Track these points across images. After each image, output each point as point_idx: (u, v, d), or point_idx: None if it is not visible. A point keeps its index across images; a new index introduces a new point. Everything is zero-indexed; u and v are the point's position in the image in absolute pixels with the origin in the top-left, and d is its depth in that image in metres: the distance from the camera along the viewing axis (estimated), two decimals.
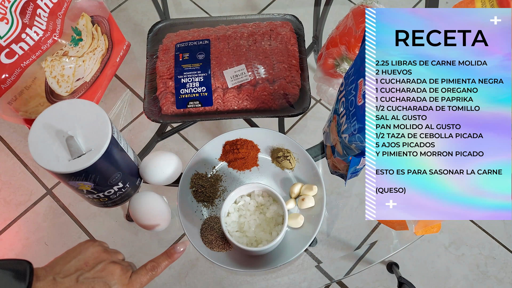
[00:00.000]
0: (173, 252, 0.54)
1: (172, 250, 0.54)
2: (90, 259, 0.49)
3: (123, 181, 0.61)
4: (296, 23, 0.85)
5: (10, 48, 0.61)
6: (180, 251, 0.55)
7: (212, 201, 0.68)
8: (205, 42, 0.79)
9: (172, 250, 0.54)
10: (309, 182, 0.68)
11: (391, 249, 0.73)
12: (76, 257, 0.49)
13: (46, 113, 0.56)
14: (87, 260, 0.48)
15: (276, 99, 0.75)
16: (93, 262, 0.49)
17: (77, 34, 0.71)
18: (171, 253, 0.54)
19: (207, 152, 0.71)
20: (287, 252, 0.64)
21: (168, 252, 0.54)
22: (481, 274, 1.14)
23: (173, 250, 0.54)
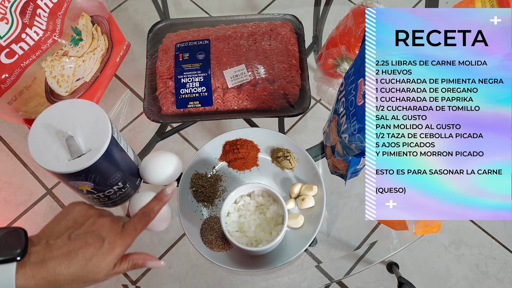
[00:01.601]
0: (162, 196, 0.53)
1: (161, 194, 0.53)
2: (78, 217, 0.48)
3: (123, 181, 0.61)
4: (296, 23, 0.85)
5: (10, 48, 0.61)
6: (169, 193, 0.54)
7: (212, 201, 0.68)
8: (205, 42, 0.79)
9: (161, 194, 0.53)
10: (309, 182, 0.68)
11: (391, 249, 0.73)
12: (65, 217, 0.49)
13: (46, 113, 0.56)
14: (75, 219, 0.48)
15: (276, 99, 0.75)
16: (82, 219, 0.48)
17: (77, 34, 0.71)
18: (161, 197, 0.53)
19: (207, 152, 0.71)
20: (287, 252, 0.64)
21: (158, 196, 0.53)
22: (481, 274, 1.14)
23: (163, 194, 0.53)
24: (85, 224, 0.48)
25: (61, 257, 0.44)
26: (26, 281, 0.42)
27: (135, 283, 1.01)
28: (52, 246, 0.45)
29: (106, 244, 0.46)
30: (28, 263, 0.43)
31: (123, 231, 0.49)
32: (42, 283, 0.43)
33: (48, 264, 0.44)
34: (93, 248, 0.46)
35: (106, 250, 0.46)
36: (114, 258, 0.47)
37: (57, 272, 0.44)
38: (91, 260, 0.45)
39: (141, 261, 0.52)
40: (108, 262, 0.46)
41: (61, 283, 0.44)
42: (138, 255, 0.52)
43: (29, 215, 1.14)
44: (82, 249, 0.45)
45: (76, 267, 0.44)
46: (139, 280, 1.01)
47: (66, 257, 0.44)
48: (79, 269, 0.45)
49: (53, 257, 0.44)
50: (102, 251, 0.46)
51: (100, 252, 0.46)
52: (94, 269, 0.46)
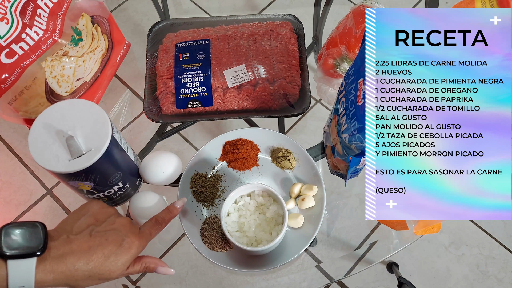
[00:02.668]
0: (172, 208, 0.57)
1: (171, 206, 0.57)
2: (99, 214, 0.49)
3: (123, 181, 0.61)
4: (296, 23, 0.85)
5: (10, 48, 0.61)
6: (178, 207, 0.57)
7: (212, 201, 0.68)
8: (205, 42, 0.79)
9: (171, 206, 0.57)
10: (309, 182, 0.68)
11: (391, 249, 0.73)
12: (85, 214, 0.49)
13: (46, 113, 0.56)
14: (96, 216, 0.49)
15: (276, 99, 0.75)
16: (102, 216, 0.49)
17: (77, 34, 0.71)
18: (171, 209, 0.57)
19: (207, 152, 0.71)
20: (287, 252, 0.64)
21: (169, 208, 0.57)
22: (481, 274, 1.14)
23: (173, 206, 0.57)
24: (106, 222, 0.49)
25: (81, 252, 0.44)
26: (45, 276, 0.43)
27: (135, 283, 1.01)
28: (72, 241, 0.45)
29: (125, 243, 0.47)
30: (48, 258, 0.43)
31: (141, 233, 0.51)
32: (60, 278, 0.43)
33: (68, 259, 0.44)
34: (113, 246, 0.46)
35: (125, 249, 0.47)
36: (130, 257, 0.48)
37: (76, 268, 0.44)
38: (109, 257, 0.46)
39: (153, 265, 0.53)
40: (124, 261, 0.47)
41: (78, 279, 0.45)
42: (151, 259, 0.53)
43: (29, 215, 1.14)
44: (101, 246, 0.46)
45: (94, 264, 0.45)
46: (139, 280, 1.01)
47: (85, 253, 0.45)
48: (97, 265, 0.45)
49: (73, 252, 0.44)
50: (121, 250, 0.47)
51: (118, 251, 0.47)
52: (111, 267, 0.46)
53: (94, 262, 0.45)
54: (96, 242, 0.46)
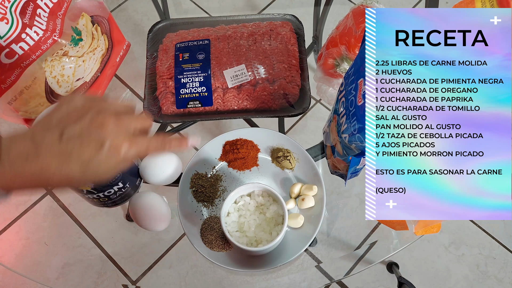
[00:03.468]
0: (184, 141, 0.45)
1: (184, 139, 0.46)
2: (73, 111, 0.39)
3: (123, 181, 0.61)
4: (296, 23, 0.85)
5: (10, 48, 0.61)
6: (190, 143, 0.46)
7: (212, 201, 0.68)
8: (205, 42, 0.79)
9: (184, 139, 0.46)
10: (309, 182, 0.68)
11: (391, 249, 0.73)
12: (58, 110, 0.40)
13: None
14: (69, 113, 0.39)
15: (276, 99, 0.75)
16: (76, 113, 0.39)
17: (77, 34, 0.71)
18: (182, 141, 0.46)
19: (207, 152, 0.71)
20: (287, 252, 0.64)
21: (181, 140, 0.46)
22: (481, 274, 1.14)
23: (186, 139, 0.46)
24: (81, 121, 0.39)
25: (51, 157, 0.37)
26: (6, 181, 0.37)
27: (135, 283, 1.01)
28: (38, 144, 0.37)
29: (106, 147, 0.38)
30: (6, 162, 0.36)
31: (134, 138, 0.41)
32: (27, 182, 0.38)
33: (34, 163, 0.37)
34: (90, 150, 0.38)
35: (106, 154, 0.39)
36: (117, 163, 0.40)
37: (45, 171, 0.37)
38: (89, 163, 0.38)
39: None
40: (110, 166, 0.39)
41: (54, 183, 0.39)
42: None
43: (29, 215, 1.14)
44: (75, 151, 0.38)
45: (69, 170, 0.38)
46: (139, 280, 1.01)
47: (56, 157, 0.37)
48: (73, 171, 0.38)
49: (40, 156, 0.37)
50: (101, 155, 0.38)
51: (98, 156, 0.38)
52: (93, 173, 0.39)
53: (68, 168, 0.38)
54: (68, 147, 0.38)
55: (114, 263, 1.06)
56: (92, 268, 1.09)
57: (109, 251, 1.07)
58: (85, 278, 1.09)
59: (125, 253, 1.07)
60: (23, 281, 1.12)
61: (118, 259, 1.06)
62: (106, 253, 1.06)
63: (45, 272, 1.09)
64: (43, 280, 1.06)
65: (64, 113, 0.40)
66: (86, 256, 1.09)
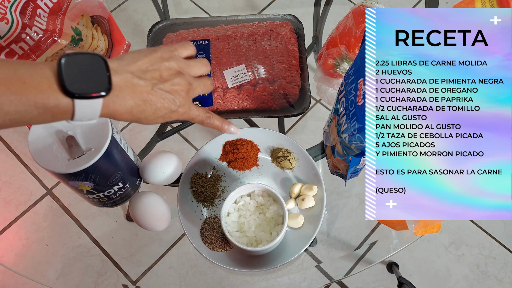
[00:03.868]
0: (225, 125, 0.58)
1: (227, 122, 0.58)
2: (165, 71, 0.50)
3: (123, 181, 0.61)
4: (296, 23, 0.85)
5: (10, 48, 0.61)
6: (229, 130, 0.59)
7: (212, 201, 0.68)
8: (205, 42, 0.79)
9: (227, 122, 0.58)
10: (309, 182, 0.68)
11: (391, 249, 0.73)
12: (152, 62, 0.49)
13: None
14: (162, 72, 0.49)
15: (276, 99, 0.75)
16: (167, 74, 0.50)
17: (77, 34, 0.71)
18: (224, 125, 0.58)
19: (207, 152, 0.71)
20: (287, 252, 0.64)
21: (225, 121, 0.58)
22: (481, 274, 1.14)
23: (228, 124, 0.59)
24: (169, 82, 0.49)
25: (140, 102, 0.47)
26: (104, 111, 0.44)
27: (135, 283, 1.01)
28: (135, 86, 0.46)
29: (173, 110, 0.50)
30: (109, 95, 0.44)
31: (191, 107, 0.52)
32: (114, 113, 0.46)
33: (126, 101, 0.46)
34: (164, 108, 0.49)
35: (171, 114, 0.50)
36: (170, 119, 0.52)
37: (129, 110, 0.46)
38: (155, 114, 0.49)
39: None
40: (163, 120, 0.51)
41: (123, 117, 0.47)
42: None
43: (29, 215, 1.14)
44: (156, 103, 0.48)
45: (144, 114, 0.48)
46: (139, 280, 1.01)
47: (144, 103, 0.47)
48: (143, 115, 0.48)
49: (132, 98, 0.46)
50: (168, 114, 0.50)
51: (165, 114, 0.50)
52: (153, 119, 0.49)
53: (143, 113, 0.48)
54: (154, 98, 0.48)
55: (114, 263, 1.06)
56: (92, 268, 1.09)
57: (109, 251, 1.07)
58: (85, 278, 1.09)
59: (125, 253, 1.07)
60: (23, 281, 1.12)
61: (118, 259, 1.06)
62: (106, 253, 1.06)
63: (45, 272, 1.10)
64: (43, 280, 1.06)
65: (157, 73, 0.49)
66: (86, 256, 1.09)
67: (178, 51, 0.53)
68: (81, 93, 0.41)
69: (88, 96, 0.42)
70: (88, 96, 0.42)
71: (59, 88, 0.41)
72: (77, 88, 0.41)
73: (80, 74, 0.42)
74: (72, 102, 0.41)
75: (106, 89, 0.43)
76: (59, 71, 0.41)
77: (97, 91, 0.42)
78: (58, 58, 0.42)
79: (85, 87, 0.42)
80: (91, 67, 0.43)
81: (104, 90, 0.43)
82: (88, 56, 0.43)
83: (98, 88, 0.43)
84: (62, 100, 0.41)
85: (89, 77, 0.42)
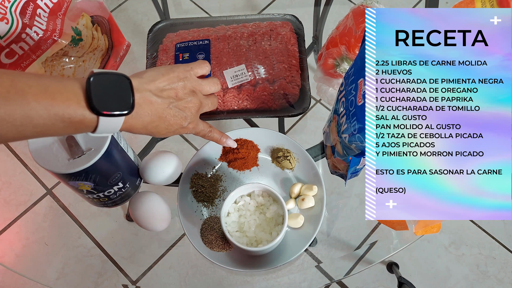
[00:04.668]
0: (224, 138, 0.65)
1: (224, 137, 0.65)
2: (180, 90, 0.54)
3: (123, 181, 0.61)
4: (296, 23, 0.85)
5: (10, 48, 0.61)
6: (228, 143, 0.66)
7: (212, 201, 0.68)
8: (205, 42, 0.79)
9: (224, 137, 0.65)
10: (309, 182, 0.68)
11: (391, 249, 0.73)
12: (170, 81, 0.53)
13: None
14: (177, 91, 0.53)
15: (276, 99, 0.75)
16: (182, 93, 0.54)
17: (77, 34, 0.71)
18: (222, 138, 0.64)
19: (207, 152, 0.71)
20: (287, 252, 0.64)
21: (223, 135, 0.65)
22: (481, 274, 1.14)
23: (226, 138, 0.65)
24: (183, 101, 0.54)
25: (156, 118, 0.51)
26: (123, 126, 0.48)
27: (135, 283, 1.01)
28: (152, 103, 0.50)
29: (184, 126, 0.55)
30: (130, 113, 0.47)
31: (198, 123, 0.58)
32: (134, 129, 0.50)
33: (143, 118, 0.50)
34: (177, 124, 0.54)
35: (182, 129, 0.56)
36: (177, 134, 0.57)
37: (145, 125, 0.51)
38: (168, 129, 0.54)
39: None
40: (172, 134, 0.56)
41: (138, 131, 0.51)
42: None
43: (29, 215, 1.14)
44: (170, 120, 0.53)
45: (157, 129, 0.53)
46: (139, 280, 1.02)
47: (159, 119, 0.52)
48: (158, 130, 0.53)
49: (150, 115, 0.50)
50: (179, 129, 0.55)
51: (177, 130, 0.55)
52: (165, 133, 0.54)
53: (159, 128, 0.52)
54: (168, 115, 0.52)
55: (114, 263, 1.06)
56: (92, 268, 1.09)
57: (109, 251, 1.07)
58: (85, 278, 1.09)
59: (125, 253, 1.06)
60: (23, 281, 1.12)
61: (118, 259, 1.06)
62: (106, 253, 1.06)
63: (45, 272, 1.10)
64: (43, 280, 1.06)
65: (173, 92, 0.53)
66: (86, 256, 1.09)
67: (194, 71, 0.56)
68: (107, 111, 0.44)
69: (112, 114, 0.45)
70: (112, 114, 0.45)
71: (86, 105, 0.43)
72: (103, 107, 0.44)
73: (107, 93, 0.45)
74: (97, 118, 0.44)
75: (130, 107, 0.46)
76: (87, 89, 0.43)
77: (121, 110, 0.46)
78: (87, 77, 0.44)
79: (110, 105, 0.45)
80: (117, 87, 0.46)
81: (128, 109, 0.46)
82: (115, 76, 0.46)
83: (123, 107, 0.46)
84: (88, 116, 0.44)
85: (115, 97, 0.46)
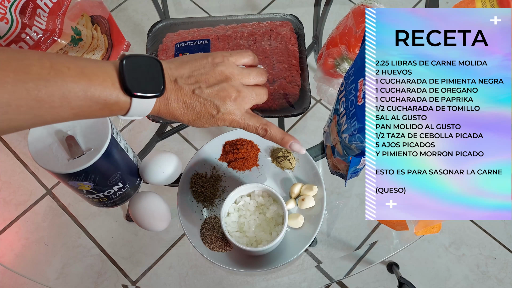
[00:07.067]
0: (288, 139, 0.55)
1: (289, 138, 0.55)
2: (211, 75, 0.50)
3: (123, 181, 0.61)
4: (296, 23, 0.85)
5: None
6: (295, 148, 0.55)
7: (212, 201, 0.68)
8: (205, 42, 0.79)
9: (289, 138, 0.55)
10: (309, 182, 0.68)
11: (391, 249, 0.73)
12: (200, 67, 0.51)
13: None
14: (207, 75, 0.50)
15: (276, 99, 0.75)
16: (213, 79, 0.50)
17: (77, 34, 0.71)
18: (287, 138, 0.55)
19: (207, 152, 0.71)
20: (287, 252, 0.64)
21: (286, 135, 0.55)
22: (481, 274, 1.14)
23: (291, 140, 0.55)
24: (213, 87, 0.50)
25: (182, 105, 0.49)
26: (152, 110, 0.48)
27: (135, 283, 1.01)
28: (178, 89, 0.49)
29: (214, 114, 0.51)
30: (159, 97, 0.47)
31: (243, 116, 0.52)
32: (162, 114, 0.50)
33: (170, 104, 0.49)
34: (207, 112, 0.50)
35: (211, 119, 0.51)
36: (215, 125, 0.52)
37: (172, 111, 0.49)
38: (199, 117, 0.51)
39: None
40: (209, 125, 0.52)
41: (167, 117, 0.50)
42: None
43: (29, 215, 1.14)
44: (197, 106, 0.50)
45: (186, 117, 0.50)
46: (139, 280, 1.02)
47: (185, 107, 0.50)
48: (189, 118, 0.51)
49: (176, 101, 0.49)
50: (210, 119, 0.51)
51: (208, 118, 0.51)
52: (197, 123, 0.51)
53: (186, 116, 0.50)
54: (194, 102, 0.50)
55: (114, 263, 1.06)
56: (92, 268, 1.09)
57: (109, 251, 1.07)
58: (85, 278, 1.09)
59: (125, 253, 1.07)
60: (23, 281, 1.12)
61: (118, 259, 1.06)
62: (105, 253, 1.06)
63: (45, 272, 1.10)
64: (43, 280, 1.06)
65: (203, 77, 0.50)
66: (86, 256, 1.09)
67: (233, 58, 0.53)
68: (140, 92, 0.45)
69: (145, 96, 0.45)
70: (145, 96, 0.45)
71: (120, 86, 0.44)
72: (136, 88, 0.44)
73: (139, 75, 0.45)
74: (130, 100, 0.45)
75: (161, 90, 0.46)
76: (121, 71, 0.44)
77: (153, 91, 0.46)
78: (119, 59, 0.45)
79: (143, 87, 0.45)
80: (148, 69, 0.47)
81: (159, 91, 0.46)
82: (146, 59, 0.47)
83: (154, 89, 0.46)
84: (122, 98, 0.44)
85: (147, 78, 0.46)
